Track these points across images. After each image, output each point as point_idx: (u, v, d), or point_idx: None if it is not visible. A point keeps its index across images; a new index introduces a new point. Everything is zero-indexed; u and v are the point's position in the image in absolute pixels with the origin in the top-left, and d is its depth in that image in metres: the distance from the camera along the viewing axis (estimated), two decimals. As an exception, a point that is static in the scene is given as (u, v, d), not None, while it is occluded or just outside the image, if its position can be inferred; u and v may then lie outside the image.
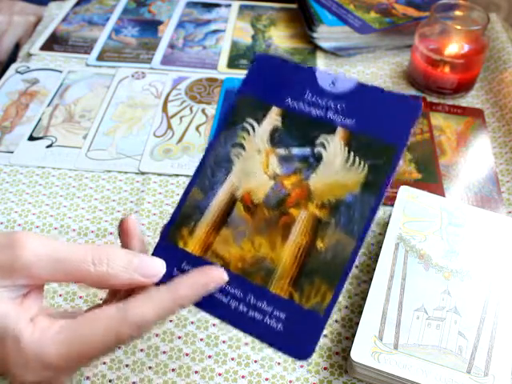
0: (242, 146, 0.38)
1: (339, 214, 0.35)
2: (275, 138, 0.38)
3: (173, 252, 0.36)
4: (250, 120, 0.38)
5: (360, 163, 0.35)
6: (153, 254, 0.36)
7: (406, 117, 0.35)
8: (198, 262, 0.36)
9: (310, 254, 0.35)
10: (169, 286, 0.33)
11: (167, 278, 0.35)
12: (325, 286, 0.34)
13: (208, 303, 0.34)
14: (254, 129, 0.38)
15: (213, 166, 0.38)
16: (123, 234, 0.36)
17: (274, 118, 0.38)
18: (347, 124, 0.36)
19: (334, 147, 0.36)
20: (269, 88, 0.39)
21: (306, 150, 0.37)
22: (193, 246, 0.36)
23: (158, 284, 0.35)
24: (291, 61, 0.39)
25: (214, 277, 0.34)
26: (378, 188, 0.34)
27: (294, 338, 0.33)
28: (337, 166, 0.36)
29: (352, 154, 0.36)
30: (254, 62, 0.40)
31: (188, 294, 0.33)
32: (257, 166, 0.37)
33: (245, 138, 0.38)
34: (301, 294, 0.34)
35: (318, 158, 0.36)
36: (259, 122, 0.38)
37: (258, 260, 0.35)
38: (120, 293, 0.36)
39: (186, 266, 0.36)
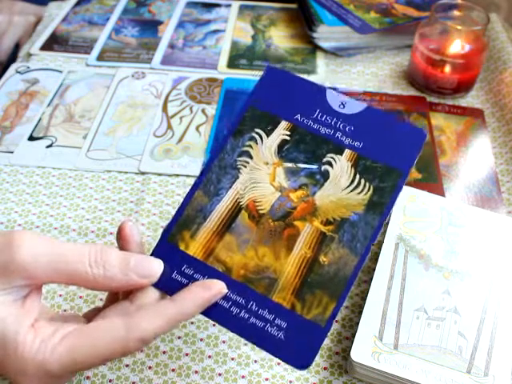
0: (249, 155, 0.38)
1: (343, 231, 0.36)
2: (283, 151, 0.38)
3: (173, 253, 0.36)
4: (259, 130, 0.39)
5: (365, 185, 0.36)
6: (152, 254, 0.36)
7: (411, 144, 0.37)
8: (199, 266, 0.36)
9: (313, 266, 0.35)
10: (174, 301, 0.33)
11: (167, 279, 0.35)
12: (326, 299, 0.34)
13: (209, 309, 0.34)
14: (262, 139, 0.39)
15: (218, 172, 0.38)
16: (121, 239, 0.36)
17: (282, 131, 0.39)
18: (355, 146, 0.37)
19: (340, 167, 0.37)
20: (279, 102, 0.39)
21: (314, 167, 0.37)
22: (194, 249, 0.36)
23: (156, 286, 0.35)
24: (301, 77, 0.40)
25: (215, 291, 0.34)
26: (381, 209, 0.36)
27: (294, 347, 0.33)
28: (342, 185, 0.37)
29: (358, 175, 0.37)
30: (265, 74, 0.40)
31: (191, 309, 0.33)
32: (264, 176, 0.38)
33: (252, 147, 0.38)
34: (303, 304, 0.34)
35: (325, 176, 0.37)
36: (268, 133, 0.39)
37: (260, 269, 0.35)
38: (119, 294, 0.36)
39: (186, 269, 0.36)
